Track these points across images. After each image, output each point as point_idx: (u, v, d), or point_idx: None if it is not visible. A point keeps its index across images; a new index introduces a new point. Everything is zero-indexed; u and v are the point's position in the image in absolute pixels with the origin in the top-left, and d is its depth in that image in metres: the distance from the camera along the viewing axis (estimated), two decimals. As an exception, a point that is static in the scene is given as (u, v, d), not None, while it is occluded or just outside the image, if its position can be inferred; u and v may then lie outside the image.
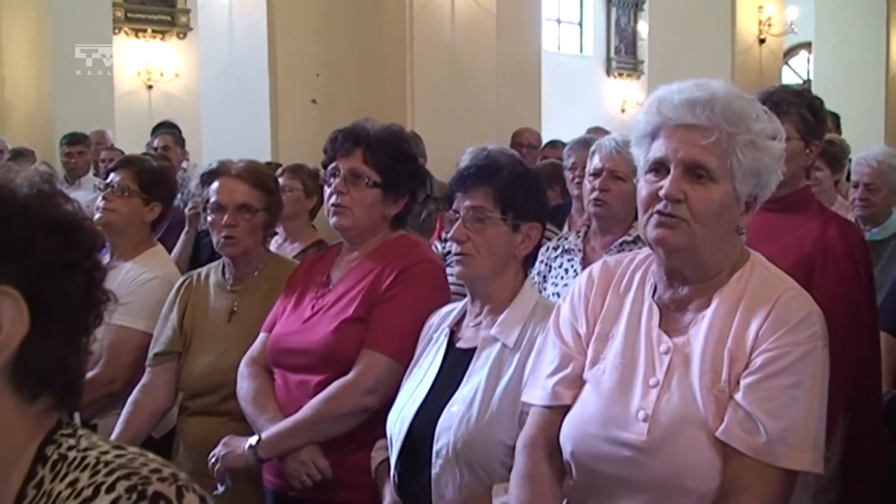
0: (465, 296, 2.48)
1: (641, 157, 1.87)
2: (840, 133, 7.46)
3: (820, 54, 12.58)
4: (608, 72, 18.66)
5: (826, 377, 1.80)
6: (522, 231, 2.34)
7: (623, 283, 1.97)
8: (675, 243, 1.80)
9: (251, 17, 7.87)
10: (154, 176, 3.44)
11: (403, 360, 2.49)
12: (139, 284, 3.26)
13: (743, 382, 1.74)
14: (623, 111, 17.81)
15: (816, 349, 1.76)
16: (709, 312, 1.82)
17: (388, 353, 2.53)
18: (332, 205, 2.67)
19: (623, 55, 18.63)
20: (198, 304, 3.06)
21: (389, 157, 2.66)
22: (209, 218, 3.02)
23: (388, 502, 2.34)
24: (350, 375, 2.55)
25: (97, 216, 3.39)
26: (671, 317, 1.88)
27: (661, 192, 1.78)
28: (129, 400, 3.02)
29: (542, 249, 3.51)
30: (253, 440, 2.58)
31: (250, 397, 2.69)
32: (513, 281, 2.36)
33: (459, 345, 2.38)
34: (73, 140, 7.39)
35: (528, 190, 2.37)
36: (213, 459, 2.64)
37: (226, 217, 2.95)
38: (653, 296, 1.92)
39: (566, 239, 3.47)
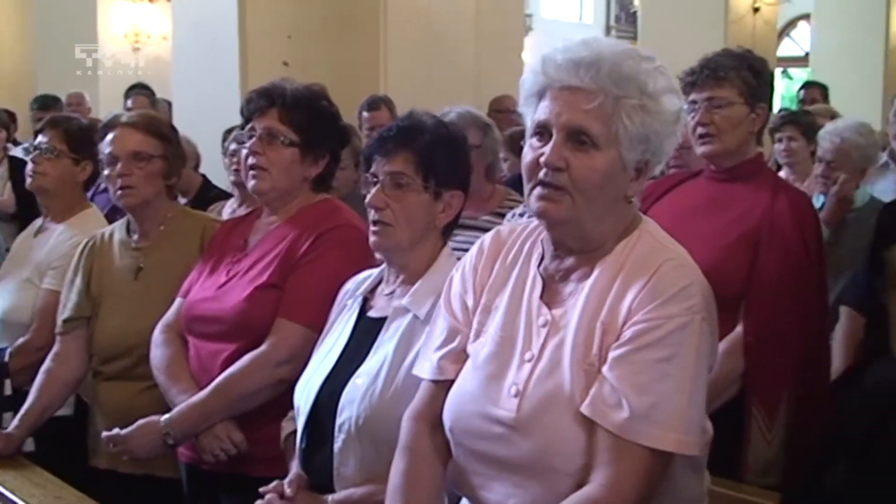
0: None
1: (529, 117, 1.75)
2: (828, 103, 7.32)
3: (818, 25, 12.34)
4: (608, 41, 18.47)
5: (706, 353, 1.67)
6: (444, 199, 2.20)
7: (512, 253, 1.86)
8: (558, 216, 1.70)
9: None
10: (82, 134, 3.35)
11: (319, 329, 2.36)
12: (70, 247, 3.16)
13: (611, 355, 1.64)
14: (622, 81, 17.66)
15: (693, 323, 1.63)
16: (588, 283, 1.72)
17: (304, 323, 2.42)
18: (249, 166, 2.56)
19: (623, 23, 18.44)
20: (103, 265, 2.93)
21: (306, 115, 2.55)
22: (105, 172, 2.90)
23: (292, 475, 2.22)
24: (263, 347, 2.44)
25: (28, 181, 3.35)
26: (554, 288, 1.78)
27: (542, 160, 1.68)
28: (42, 369, 2.92)
29: (509, 215, 3.39)
30: (165, 426, 2.47)
31: (163, 366, 2.59)
32: (430, 251, 2.22)
33: (371, 314, 2.25)
34: (44, 104, 7.21)
35: (452, 155, 2.22)
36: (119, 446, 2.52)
37: (118, 166, 2.82)
38: (539, 266, 1.81)
39: None
